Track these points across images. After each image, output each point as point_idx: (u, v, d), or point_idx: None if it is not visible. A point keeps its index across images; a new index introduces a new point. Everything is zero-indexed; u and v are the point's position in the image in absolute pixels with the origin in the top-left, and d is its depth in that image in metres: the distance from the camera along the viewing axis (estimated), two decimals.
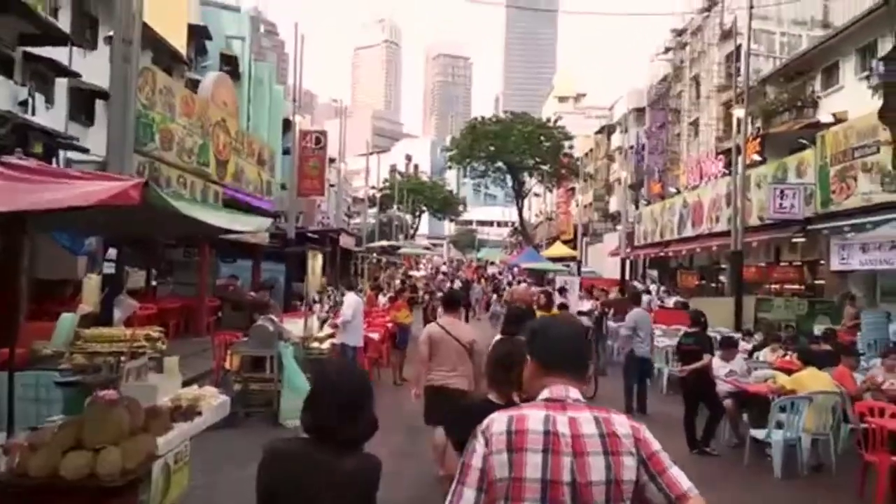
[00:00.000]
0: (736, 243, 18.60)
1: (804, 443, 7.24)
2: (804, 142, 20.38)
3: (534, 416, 1.98)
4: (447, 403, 5.42)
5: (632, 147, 48.63)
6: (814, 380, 7.30)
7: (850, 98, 23.19)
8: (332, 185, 42.39)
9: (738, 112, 19.22)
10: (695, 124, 41.18)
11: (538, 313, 9.20)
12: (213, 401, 5.31)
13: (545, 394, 2.07)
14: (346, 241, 28.17)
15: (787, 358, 10.30)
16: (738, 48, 36.58)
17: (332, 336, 10.89)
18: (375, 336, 12.89)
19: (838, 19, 31.46)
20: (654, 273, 35.02)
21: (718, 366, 8.47)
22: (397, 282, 23.38)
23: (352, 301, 10.91)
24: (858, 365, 8.50)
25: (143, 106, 12.33)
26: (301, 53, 22.36)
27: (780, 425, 7.28)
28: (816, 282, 21.52)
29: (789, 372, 8.91)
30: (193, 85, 21.16)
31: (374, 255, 37.32)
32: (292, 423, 8.69)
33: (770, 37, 36.33)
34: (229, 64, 30.32)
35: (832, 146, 17.84)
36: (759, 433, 7.47)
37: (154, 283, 17.96)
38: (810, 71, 28.19)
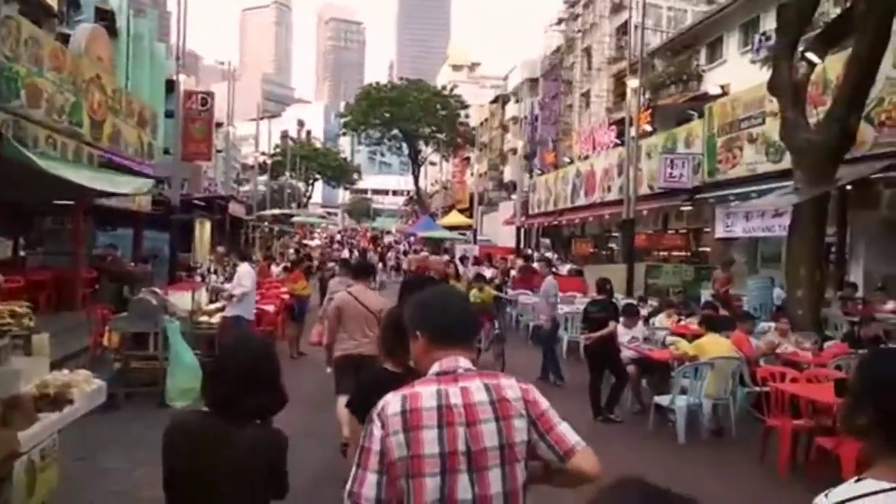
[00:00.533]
0: (628, 211, 19.03)
1: (705, 408, 7.34)
2: (693, 113, 21.03)
3: (426, 393, 2.01)
4: (357, 371, 5.50)
5: (525, 117, 49.06)
6: (715, 345, 7.39)
7: (733, 72, 24.14)
8: (219, 151, 40.47)
9: (633, 82, 19.55)
10: (586, 95, 41.96)
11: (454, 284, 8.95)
12: (87, 386, 4.69)
13: (436, 367, 2.09)
14: (235, 209, 26.92)
15: (683, 323, 10.56)
16: (629, 21, 37.56)
17: (222, 309, 10.23)
18: (270, 308, 12.28)
19: None
20: (547, 241, 35.63)
21: (621, 332, 8.50)
22: (291, 251, 22.52)
23: (247, 272, 10.35)
24: (754, 329, 8.74)
25: (7, 58, 11.03)
26: (185, 7, 20.92)
27: (683, 391, 7.36)
28: (701, 249, 22.43)
29: (686, 336, 9.10)
30: (65, 41, 19.36)
31: (266, 223, 36.09)
32: (181, 404, 8.09)
33: (658, 11, 37.29)
34: (105, 19, 27.91)
35: (720, 117, 18.47)
36: (664, 399, 7.54)
37: (22, 253, 16.50)
38: (695, 45, 29.16)
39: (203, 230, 19.27)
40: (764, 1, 24.02)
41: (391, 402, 2.00)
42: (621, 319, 8.55)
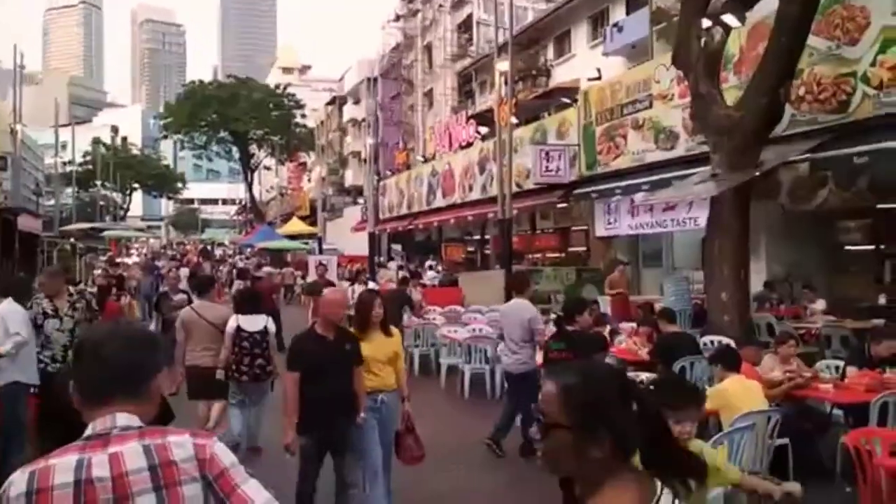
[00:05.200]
0: (504, 210, 16.86)
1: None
2: (567, 101, 19.34)
3: (62, 466, 1.64)
4: (201, 379, 6.37)
5: (363, 119, 46.54)
6: (745, 393, 4.84)
7: (583, 66, 22.85)
8: (2, 158, 34.12)
9: (501, 65, 17.46)
10: (429, 95, 40.14)
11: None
12: None
13: (88, 430, 1.72)
14: (28, 224, 22.29)
15: (622, 346, 8.33)
16: (470, 16, 36.08)
17: None
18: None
19: None
20: (399, 247, 33.02)
21: None
22: (97, 272, 17.92)
23: (15, 313, 6.35)
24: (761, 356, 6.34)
25: None
26: None
27: None
28: (574, 249, 20.78)
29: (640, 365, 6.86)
30: None
31: (72, 240, 30.88)
32: None
33: (500, 7, 36.11)
34: None
35: (597, 104, 16.77)
36: None
37: None
38: (542, 40, 28.00)
39: None
40: None
41: (16, 482, 1.63)
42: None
